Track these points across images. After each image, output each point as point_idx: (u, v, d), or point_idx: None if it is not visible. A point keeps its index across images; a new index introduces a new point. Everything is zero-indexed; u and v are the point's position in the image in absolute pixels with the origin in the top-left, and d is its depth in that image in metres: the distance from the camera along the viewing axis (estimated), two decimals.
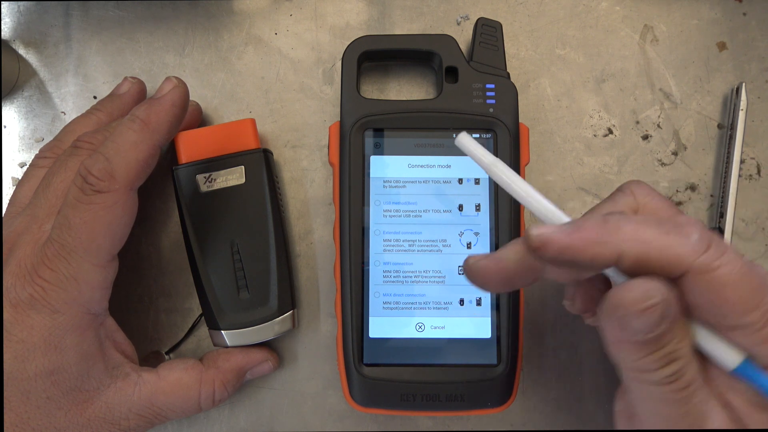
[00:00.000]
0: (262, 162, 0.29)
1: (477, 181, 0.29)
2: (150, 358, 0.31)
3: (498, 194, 0.28)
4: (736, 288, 0.19)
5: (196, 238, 0.29)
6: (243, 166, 0.29)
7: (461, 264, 0.28)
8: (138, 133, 0.24)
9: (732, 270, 0.19)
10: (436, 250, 0.28)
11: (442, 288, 0.28)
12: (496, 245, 0.28)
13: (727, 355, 0.20)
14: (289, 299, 0.29)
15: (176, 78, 0.26)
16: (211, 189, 0.29)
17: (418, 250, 0.28)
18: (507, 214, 0.28)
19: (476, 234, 0.28)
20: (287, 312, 0.29)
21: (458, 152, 0.29)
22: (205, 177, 0.29)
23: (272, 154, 0.31)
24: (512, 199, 0.28)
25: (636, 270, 0.19)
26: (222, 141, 0.29)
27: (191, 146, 0.29)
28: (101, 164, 0.23)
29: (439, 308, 0.28)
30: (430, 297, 0.28)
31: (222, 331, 0.29)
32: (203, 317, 0.30)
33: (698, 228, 0.20)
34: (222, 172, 0.29)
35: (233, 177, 0.29)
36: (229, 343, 0.29)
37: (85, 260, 0.23)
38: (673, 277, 0.19)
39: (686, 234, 0.19)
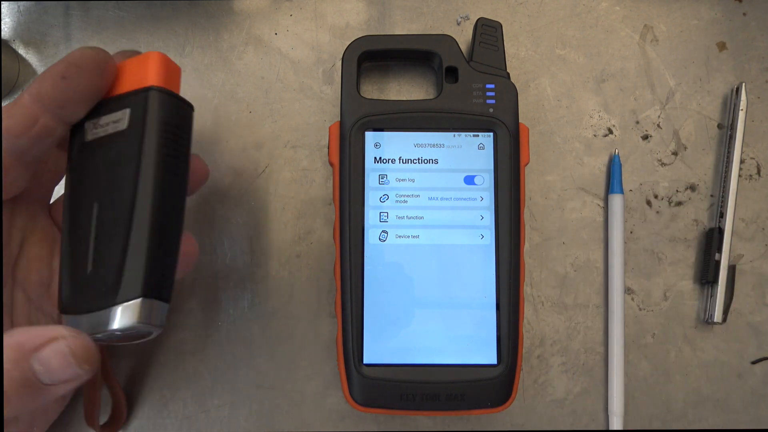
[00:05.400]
0: (146, 104, 0.23)
1: (478, 183, 0.29)
2: None
3: (498, 196, 0.28)
4: None
5: (69, 199, 0.24)
6: (129, 109, 0.23)
7: (461, 264, 0.28)
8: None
9: None
10: (437, 251, 0.28)
11: (442, 288, 0.28)
12: (497, 247, 0.28)
13: None
14: (140, 282, 0.21)
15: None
16: (96, 137, 0.23)
17: (418, 251, 0.28)
18: (507, 215, 0.28)
19: (478, 235, 0.28)
20: (132, 299, 0.21)
21: (458, 152, 0.29)
22: (93, 123, 0.24)
23: (186, 103, 0.24)
24: (512, 199, 0.28)
25: None
26: (123, 79, 0.24)
27: None
28: None
29: (439, 308, 0.28)
30: (430, 297, 0.28)
31: (63, 315, 0.23)
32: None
33: None
34: (108, 116, 0.23)
35: (118, 123, 0.23)
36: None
37: None
38: None
39: None
